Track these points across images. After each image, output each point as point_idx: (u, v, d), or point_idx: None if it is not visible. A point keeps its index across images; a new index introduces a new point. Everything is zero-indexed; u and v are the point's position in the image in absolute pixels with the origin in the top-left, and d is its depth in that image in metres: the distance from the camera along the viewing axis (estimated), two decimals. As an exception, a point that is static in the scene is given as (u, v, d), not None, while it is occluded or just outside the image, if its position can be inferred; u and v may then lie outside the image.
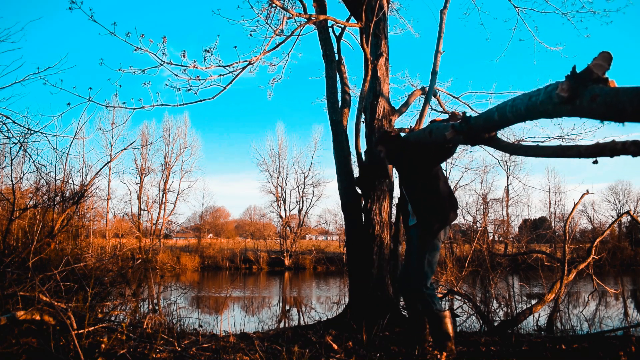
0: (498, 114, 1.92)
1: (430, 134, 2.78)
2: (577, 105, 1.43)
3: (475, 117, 2.20)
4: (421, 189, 3.05)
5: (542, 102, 1.59)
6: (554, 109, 1.55)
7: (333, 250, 28.90)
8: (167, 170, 27.97)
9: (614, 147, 1.33)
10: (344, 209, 4.51)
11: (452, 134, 2.37)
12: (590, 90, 1.38)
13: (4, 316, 2.39)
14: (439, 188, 3.05)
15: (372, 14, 4.50)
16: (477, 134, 2.20)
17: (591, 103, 1.36)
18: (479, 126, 2.15)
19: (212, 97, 3.96)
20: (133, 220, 25.99)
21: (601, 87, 1.36)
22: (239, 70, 3.98)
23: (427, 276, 2.98)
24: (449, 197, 3.10)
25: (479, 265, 5.88)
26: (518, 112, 1.78)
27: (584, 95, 1.40)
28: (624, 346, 3.15)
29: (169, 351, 2.53)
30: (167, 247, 27.43)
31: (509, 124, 2.00)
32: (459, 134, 2.32)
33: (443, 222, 3.01)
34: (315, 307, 11.07)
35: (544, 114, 1.64)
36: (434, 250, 3.01)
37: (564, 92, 1.46)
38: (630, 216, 5.52)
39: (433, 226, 2.98)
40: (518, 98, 1.79)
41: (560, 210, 29.95)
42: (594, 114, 1.39)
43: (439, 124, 2.72)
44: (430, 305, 2.93)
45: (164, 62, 3.59)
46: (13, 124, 3.93)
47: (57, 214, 4.53)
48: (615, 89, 1.31)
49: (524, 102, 1.73)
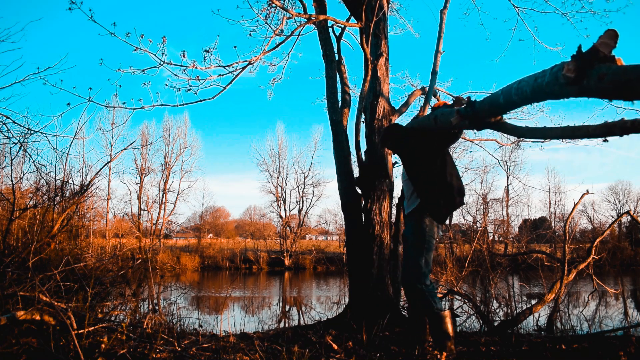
0: (504, 97, 1.87)
1: (435, 121, 2.73)
2: (585, 86, 1.39)
3: (480, 102, 2.16)
4: (428, 175, 3.00)
5: (548, 83, 1.54)
6: (560, 90, 1.50)
7: (333, 250, 28.90)
8: (167, 170, 28.00)
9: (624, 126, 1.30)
10: (344, 209, 4.51)
11: (457, 119, 2.33)
12: (597, 69, 1.34)
13: (4, 316, 2.39)
14: (446, 172, 2.99)
15: (372, 14, 4.50)
16: (483, 118, 2.14)
17: (599, 82, 1.32)
18: (485, 110, 2.10)
19: (212, 97, 3.97)
20: (133, 220, 25.99)
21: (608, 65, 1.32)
22: (238, 70, 3.98)
23: (424, 269, 2.91)
24: (457, 181, 3.04)
25: (479, 265, 5.87)
26: (524, 95, 1.73)
27: (591, 75, 1.35)
28: (624, 346, 3.15)
29: (169, 351, 2.53)
30: (167, 247, 27.44)
31: (515, 107, 1.95)
32: (465, 118, 2.27)
33: (450, 206, 2.97)
34: (315, 307, 11.07)
35: (550, 95, 1.60)
36: (431, 239, 2.94)
37: (570, 72, 1.42)
38: (630, 216, 5.52)
39: (441, 210, 2.93)
40: (523, 80, 1.74)
41: (560, 210, 29.99)
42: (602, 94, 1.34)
43: (443, 110, 2.67)
44: (430, 304, 2.88)
45: (163, 62, 3.59)
46: (13, 124, 3.93)
47: (57, 214, 4.53)
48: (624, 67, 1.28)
49: (530, 84, 1.68)
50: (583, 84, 1.39)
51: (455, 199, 2.99)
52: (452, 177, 3.01)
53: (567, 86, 1.46)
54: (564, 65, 1.44)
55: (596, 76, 1.33)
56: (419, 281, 2.89)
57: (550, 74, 1.54)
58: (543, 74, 1.59)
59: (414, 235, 2.98)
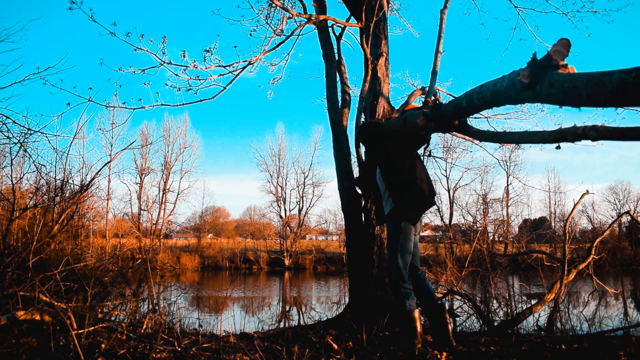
0: (466, 101, 1.95)
1: (404, 122, 2.85)
2: (537, 91, 1.46)
3: (445, 105, 2.26)
4: (399, 177, 3.14)
5: (506, 88, 1.62)
6: (517, 94, 1.57)
7: (333, 250, 28.91)
8: (167, 170, 28.00)
9: (575, 132, 1.35)
10: (344, 209, 4.50)
11: (423, 121, 2.42)
12: (549, 76, 1.41)
13: (4, 316, 2.39)
14: (415, 174, 3.13)
15: (372, 14, 4.49)
16: (448, 121, 2.24)
17: (549, 89, 1.39)
18: (449, 113, 2.19)
19: (212, 97, 3.96)
20: (133, 220, 25.99)
21: (559, 73, 1.39)
22: (238, 70, 3.98)
23: (401, 268, 3.08)
24: (427, 183, 3.19)
25: (479, 265, 5.87)
26: (484, 99, 1.80)
27: (544, 81, 1.42)
28: (624, 346, 3.15)
29: (169, 351, 2.53)
30: (167, 247, 27.44)
31: (477, 111, 2.04)
32: (430, 120, 2.37)
33: (421, 207, 3.11)
34: (315, 307, 11.07)
35: (508, 100, 1.67)
36: (406, 239, 3.09)
37: (525, 78, 1.48)
38: (630, 216, 5.52)
39: (412, 211, 3.07)
40: (485, 85, 1.81)
41: (560, 210, 29.99)
42: (552, 99, 1.41)
43: (412, 112, 2.78)
44: (404, 302, 3.05)
45: (163, 62, 3.59)
46: (13, 124, 3.92)
47: (57, 214, 4.53)
48: (572, 74, 1.33)
49: (490, 89, 1.75)
50: (536, 89, 1.46)
51: (426, 202, 3.14)
52: (422, 181, 3.15)
53: (522, 91, 1.53)
54: (520, 71, 1.51)
55: (548, 82, 1.40)
56: (396, 279, 3.09)
57: (508, 79, 1.61)
58: (502, 79, 1.66)
59: (389, 237, 3.18)
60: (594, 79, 1.19)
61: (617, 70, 1.13)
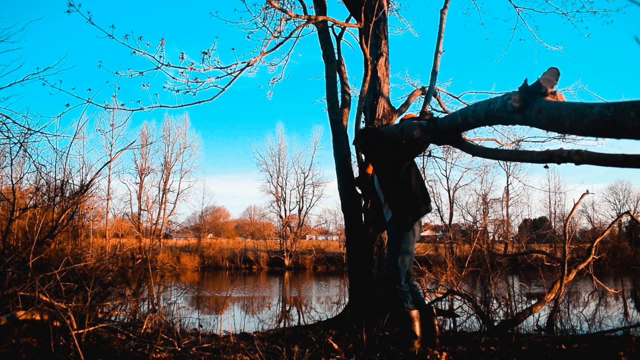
0: (461, 118, 2.07)
1: (402, 131, 2.92)
2: (527, 115, 1.56)
3: (441, 119, 2.35)
4: (394, 183, 3.21)
5: (499, 109, 1.72)
6: (508, 116, 1.68)
7: (333, 250, 28.89)
8: (167, 170, 27.99)
9: (561, 155, 1.42)
10: (344, 209, 4.50)
11: (419, 133, 2.49)
12: (538, 102, 1.51)
13: (4, 316, 2.39)
14: (410, 182, 3.20)
15: (371, 14, 4.49)
16: (443, 134, 2.34)
17: (537, 114, 1.49)
18: (445, 128, 2.29)
19: (211, 98, 3.97)
20: (133, 220, 25.98)
21: (547, 100, 1.48)
22: (237, 71, 3.97)
23: (400, 271, 3.16)
24: (421, 190, 3.26)
25: (479, 265, 5.87)
26: (478, 117, 1.92)
27: (533, 107, 1.52)
28: (624, 346, 3.15)
29: (169, 351, 2.53)
30: (167, 247, 27.43)
31: (470, 127, 2.18)
32: (426, 133, 2.45)
33: (416, 214, 3.17)
34: (315, 307, 11.07)
35: (499, 120, 1.78)
36: (407, 244, 3.16)
37: (516, 102, 1.58)
38: (630, 216, 5.52)
39: (407, 218, 3.13)
40: (479, 104, 1.93)
41: (560, 210, 29.95)
42: (539, 125, 1.51)
43: (410, 122, 2.84)
44: (402, 304, 3.13)
45: (162, 65, 3.58)
46: (13, 124, 3.92)
47: (57, 214, 4.53)
48: (559, 103, 1.42)
49: (483, 108, 1.86)
50: (526, 114, 1.56)
51: (421, 208, 3.21)
52: (417, 189, 3.23)
53: (513, 114, 1.63)
54: (511, 96, 1.61)
55: (536, 109, 1.50)
56: (394, 282, 3.18)
57: (500, 102, 1.72)
58: (495, 100, 1.77)
59: (390, 241, 3.29)
60: (577, 109, 1.28)
61: (598, 103, 1.23)
